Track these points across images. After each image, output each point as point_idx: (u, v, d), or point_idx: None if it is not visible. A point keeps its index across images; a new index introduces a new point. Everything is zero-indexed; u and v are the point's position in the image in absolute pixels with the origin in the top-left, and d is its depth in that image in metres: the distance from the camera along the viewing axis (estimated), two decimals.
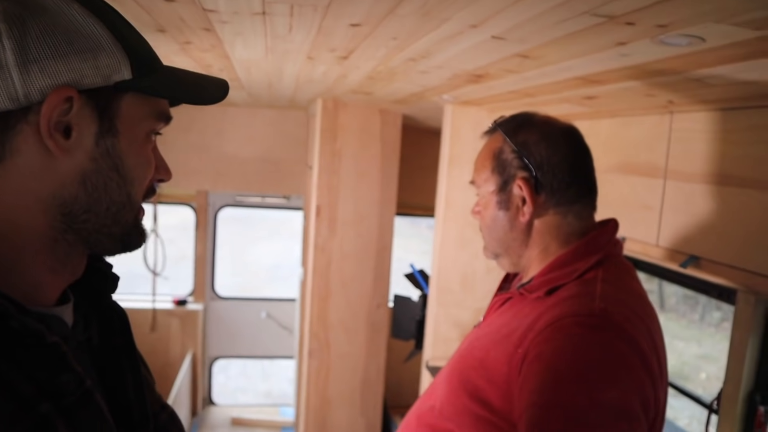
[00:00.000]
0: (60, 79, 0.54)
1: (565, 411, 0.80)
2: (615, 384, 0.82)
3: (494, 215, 1.10)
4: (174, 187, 4.12)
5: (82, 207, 0.60)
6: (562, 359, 0.85)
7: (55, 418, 0.53)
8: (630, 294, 0.98)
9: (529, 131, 1.07)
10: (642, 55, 1.02)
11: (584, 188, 1.08)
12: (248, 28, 1.17)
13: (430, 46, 1.23)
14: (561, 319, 0.89)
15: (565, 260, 1.02)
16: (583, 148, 1.10)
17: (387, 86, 2.12)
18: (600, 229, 1.07)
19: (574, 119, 2.06)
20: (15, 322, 0.53)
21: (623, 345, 0.86)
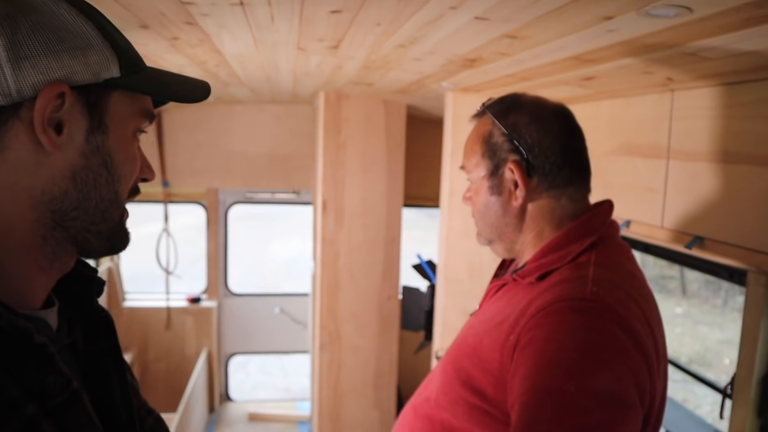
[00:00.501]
0: (52, 76, 0.55)
1: (555, 397, 0.77)
2: (608, 369, 0.80)
3: (486, 200, 1.07)
4: (184, 185, 4.14)
5: (71, 203, 0.60)
6: (553, 345, 0.82)
7: (42, 419, 0.53)
8: (625, 277, 0.95)
9: (518, 113, 1.03)
10: (630, 30, 0.99)
11: (577, 170, 1.04)
12: (230, 20, 1.16)
13: (416, 30, 1.20)
14: (552, 303, 0.87)
15: (557, 244, 0.99)
16: (575, 129, 1.06)
17: (385, 76, 2.09)
18: (594, 211, 1.04)
19: (575, 101, 2.02)
20: (3, 321, 0.53)
21: (616, 329, 0.83)
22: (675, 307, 9.10)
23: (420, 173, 3.69)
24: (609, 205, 1.07)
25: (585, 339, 0.82)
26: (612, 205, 1.07)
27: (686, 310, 9.03)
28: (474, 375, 0.95)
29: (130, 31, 1.25)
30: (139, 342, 4.15)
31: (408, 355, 3.64)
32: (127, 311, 4.12)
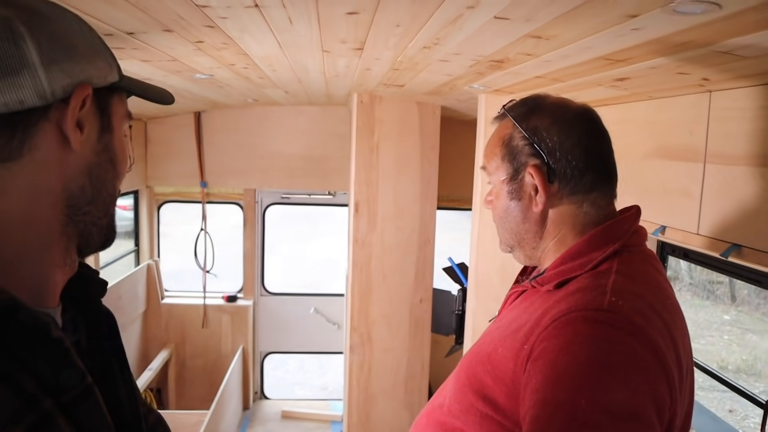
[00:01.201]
0: (77, 79, 0.59)
1: (566, 412, 0.73)
2: (623, 384, 0.75)
3: (506, 206, 1.04)
4: (222, 186, 4.21)
5: (86, 199, 0.63)
6: (566, 357, 0.78)
7: (57, 414, 0.54)
8: (648, 286, 0.90)
9: (540, 115, 0.99)
10: (657, 28, 0.94)
11: (601, 174, 1.00)
12: (249, 23, 1.16)
13: (437, 31, 1.18)
14: (567, 313, 0.83)
15: (578, 251, 0.95)
16: (600, 132, 1.02)
17: (415, 78, 2.07)
18: (619, 218, 0.99)
19: (610, 103, 1.96)
20: (23, 315, 0.54)
21: (635, 342, 0.79)
22: (723, 314, 8.78)
23: (455, 175, 3.65)
24: (636, 211, 1.02)
25: (599, 352, 0.78)
26: (639, 211, 1.02)
27: (735, 317, 8.70)
28: (487, 383, 0.92)
29: (155, 35, 1.27)
30: (177, 338, 4.24)
31: (441, 358, 3.61)
32: (165, 308, 4.21)
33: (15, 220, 0.58)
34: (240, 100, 3.46)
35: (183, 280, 4.86)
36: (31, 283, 0.60)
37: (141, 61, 1.61)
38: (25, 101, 0.54)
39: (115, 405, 0.69)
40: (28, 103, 0.55)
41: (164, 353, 4.10)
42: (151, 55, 1.50)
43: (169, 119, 4.02)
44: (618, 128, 1.93)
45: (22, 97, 0.54)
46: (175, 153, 4.07)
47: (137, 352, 4.03)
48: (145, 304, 4.13)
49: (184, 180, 4.13)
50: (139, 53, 1.48)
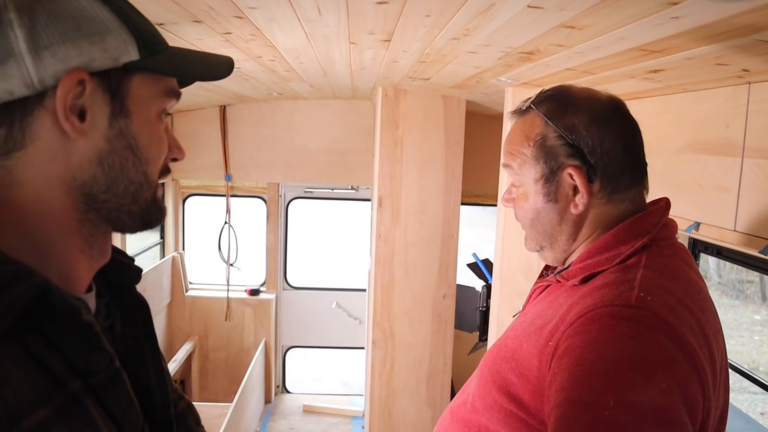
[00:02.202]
0: (71, 63, 0.55)
1: (593, 411, 0.71)
2: (652, 383, 0.72)
3: (539, 207, 0.98)
4: (246, 179, 4.23)
5: (101, 187, 0.61)
6: (592, 354, 0.75)
7: (85, 396, 0.55)
8: (678, 282, 0.86)
9: (574, 111, 0.94)
10: (698, 16, 0.91)
11: (639, 171, 0.96)
12: (278, 13, 1.15)
13: (467, 21, 1.16)
14: (594, 309, 0.80)
15: (605, 244, 0.91)
16: (634, 126, 0.97)
17: (442, 70, 2.05)
18: (647, 210, 0.95)
19: (642, 96, 1.92)
20: (55, 297, 0.54)
21: (664, 338, 0.75)
22: (754, 314, 8.59)
23: (480, 170, 3.61)
24: (665, 203, 0.97)
25: (627, 349, 0.75)
26: (669, 203, 0.98)
27: (766, 317, 8.51)
28: (511, 380, 0.90)
29: (185, 26, 1.26)
30: (200, 331, 4.28)
31: (464, 355, 3.59)
32: (189, 300, 4.25)
33: (36, 209, 0.58)
34: (265, 93, 3.46)
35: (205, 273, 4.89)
36: (59, 269, 0.60)
37: None
38: (14, 91, 0.54)
39: (145, 390, 0.70)
40: (17, 93, 0.54)
41: (188, 345, 4.13)
42: (179, 46, 1.50)
43: (194, 113, 4.04)
44: (651, 121, 1.89)
45: (11, 88, 0.53)
46: (200, 146, 4.10)
47: (162, 344, 4.07)
48: (170, 296, 4.17)
49: (209, 173, 4.15)
50: None
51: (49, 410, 0.51)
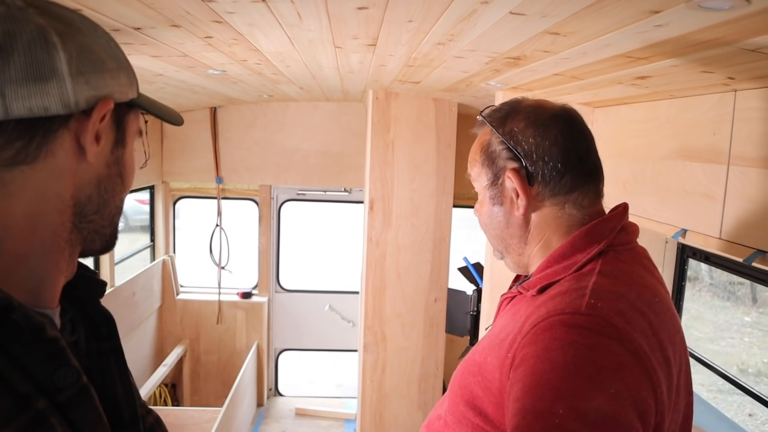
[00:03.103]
0: (102, 92, 0.60)
1: (544, 420, 0.71)
2: (601, 389, 0.73)
3: (490, 211, 1.03)
4: (237, 182, 4.21)
5: (93, 208, 0.64)
6: (543, 364, 0.76)
7: (50, 414, 0.54)
8: (632, 286, 0.87)
9: (515, 119, 0.98)
10: (681, 24, 0.90)
11: (581, 174, 0.97)
12: (258, 18, 1.13)
13: (450, 27, 1.15)
14: (546, 318, 0.81)
15: (562, 253, 0.93)
16: (577, 131, 0.98)
17: (430, 74, 2.04)
18: (603, 217, 0.96)
19: (631, 102, 1.91)
20: (17, 315, 0.54)
21: (613, 344, 0.76)
22: (744, 316, 8.61)
23: None
24: (623, 208, 0.99)
25: (577, 356, 0.75)
26: (626, 208, 0.99)
27: (756, 319, 8.52)
28: (477, 394, 0.91)
29: (163, 31, 1.25)
30: (192, 334, 4.25)
31: (456, 358, 3.57)
32: (180, 303, 4.22)
33: (21, 223, 0.58)
34: (255, 95, 3.45)
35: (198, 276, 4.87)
36: (30, 285, 0.60)
37: (151, 57, 1.59)
38: (49, 109, 0.56)
39: (113, 406, 0.70)
40: (52, 111, 0.56)
41: (179, 349, 4.11)
42: (161, 50, 1.48)
43: (185, 115, 4.02)
44: (639, 127, 1.88)
45: (48, 105, 0.56)
46: (190, 148, 4.07)
47: (152, 348, 4.05)
48: (161, 300, 4.14)
49: (200, 175, 4.13)
50: (149, 49, 1.46)
51: (12, 430, 0.51)
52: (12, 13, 0.55)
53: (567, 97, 2.17)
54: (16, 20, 0.55)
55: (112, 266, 3.27)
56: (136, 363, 3.71)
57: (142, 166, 3.62)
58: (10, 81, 0.54)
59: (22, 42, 0.54)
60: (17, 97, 0.54)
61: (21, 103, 0.54)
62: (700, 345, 7.40)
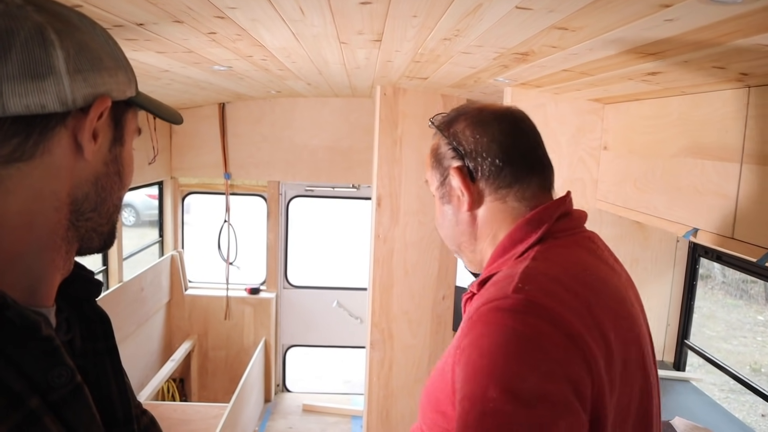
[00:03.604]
0: (99, 90, 0.60)
1: (480, 406, 0.74)
2: (532, 368, 0.75)
3: (441, 211, 1.08)
4: (246, 177, 4.21)
5: (90, 206, 0.64)
6: (477, 350, 0.79)
7: (44, 413, 0.54)
8: (565, 267, 0.88)
9: (459, 121, 1.03)
10: (692, 19, 0.87)
11: (521, 168, 0.99)
12: (260, 14, 1.12)
13: (456, 22, 1.13)
14: (479, 308, 0.83)
15: (505, 246, 0.97)
16: (518, 129, 1.02)
17: (437, 70, 2.01)
18: (542, 206, 0.98)
19: (642, 98, 1.88)
20: (12, 313, 0.54)
21: (542, 323, 0.78)
22: (757, 314, 8.51)
23: None
24: (564, 197, 1.01)
25: (506, 340, 0.77)
26: (568, 196, 1.02)
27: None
28: (440, 398, 0.92)
29: (166, 26, 1.23)
30: (200, 330, 4.26)
31: None
32: (188, 299, 4.23)
33: (16, 220, 0.58)
34: (263, 91, 3.44)
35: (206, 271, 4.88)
36: (26, 283, 0.60)
37: (157, 53, 1.58)
38: (46, 106, 0.56)
39: (107, 405, 0.70)
40: (49, 108, 0.56)
41: (187, 344, 4.12)
42: (165, 46, 1.47)
43: (193, 110, 4.02)
44: (650, 124, 1.85)
45: (45, 102, 0.56)
46: (199, 144, 4.08)
47: (161, 343, 4.06)
48: (169, 295, 4.15)
49: (209, 171, 4.13)
50: (154, 45, 1.45)
51: (5, 428, 0.50)
52: (10, 11, 0.55)
53: (576, 93, 2.14)
54: (14, 18, 0.55)
55: (120, 261, 3.28)
56: (144, 358, 3.72)
57: (151, 161, 3.62)
58: (7, 78, 0.53)
59: (19, 39, 0.54)
60: (14, 94, 0.54)
61: (18, 100, 0.54)
62: (712, 344, 7.34)
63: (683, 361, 2.53)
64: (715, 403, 2.25)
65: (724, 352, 7.17)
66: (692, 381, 2.41)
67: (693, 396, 2.28)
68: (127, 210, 9.91)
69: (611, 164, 2.13)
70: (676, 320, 2.55)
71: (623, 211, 2.00)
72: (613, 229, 2.36)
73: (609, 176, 2.15)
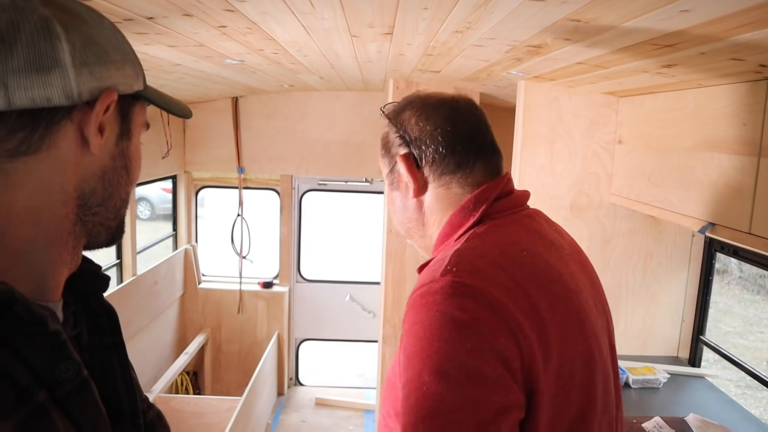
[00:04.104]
0: (105, 83, 0.60)
1: (415, 389, 0.76)
2: (457, 346, 0.77)
3: (391, 197, 1.10)
4: (259, 171, 4.22)
5: (97, 200, 0.64)
6: (411, 337, 0.81)
7: (51, 407, 0.55)
8: (495, 246, 0.89)
9: (406, 110, 1.05)
10: (708, 10, 0.85)
11: (466, 156, 1.00)
12: (270, 7, 1.11)
13: (467, 15, 1.11)
14: (411, 295, 0.86)
15: (446, 232, 0.99)
16: (461, 115, 1.02)
17: (450, 63, 2.00)
18: (480, 188, 0.99)
19: (657, 91, 1.85)
20: (20, 307, 0.54)
21: (467, 301, 0.79)
22: None
23: None
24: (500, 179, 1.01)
25: (432, 322, 0.79)
26: (506, 175, 1.03)
27: None
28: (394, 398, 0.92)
29: (176, 20, 1.23)
30: (213, 323, 4.29)
31: None
32: (202, 292, 4.26)
33: (24, 215, 0.58)
34: (276, 85, 3.43)
35: (220, 265, 4.90)
36: (33, 277, 0.60)
37: (168, 47, 1.58)
38: (52, 99, 0.56)
39: (113, 400, 0.70)
40: (54, 102, 0.56)
41: (200, 337, 4.15)
42: (176, 40, 1.47)
43: (207, 104, 4.03)
44: (665, 117, 1.82)
45: (50, 95, 0.55)
46: (212, 138, 4.09)
47: (174, 336, 4.09)
48: (183, 289, 4.18)
49: (222, 165, 4.15)
50: (165, 38, 1.45)
51: (13, 424, 0.50)
52: (16, 4, 0.55)
53: (590, 86, 2.11)
54: (20, 11, 0.55)
55: (134, 255, 3.30)
56: (158, 351, 3.75)
57: (165, 155, 3.64)
58: (12, 71, 0.53)
59: (25, 32, 0.54)
60: (20, 88, 0.54)
61: (23, 93, 0.54)
62: (728, 339, 7.26)
63: (698, 357, 2.50)
64: (731, 399, 2.22)
65: (740, 347, 7.09)
66: (707, 377, 2.39)
67: (708, 393, 2.26)
68: (142, 204, 9.99)
69: (625, 158, 2.10)
70: (692, 316, 2.51)
71: (637, 205, 1.97)
72: (627, 223, 2.33)
73: (623, 170, 2.12)
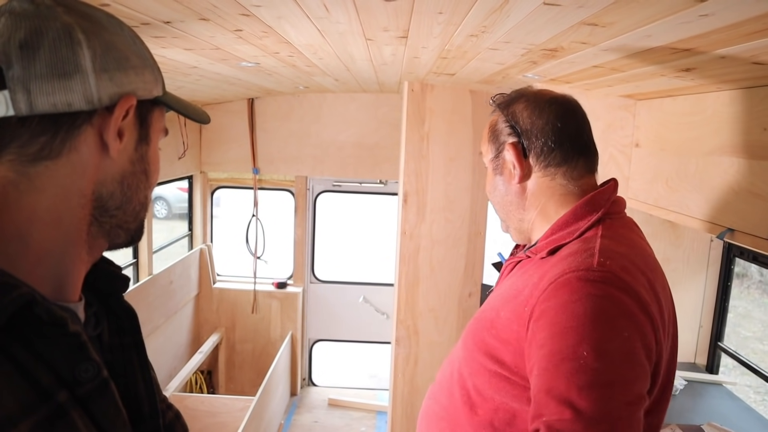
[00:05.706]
0: (125, 89, 0.61)
1: (570, 361, 0.84)
2: (616, 332, 0.86)
3: (493, 181, 1.19)
4: (274, 172, 4.23)
5: (115, 204, 0.65)
6: (566, 313, 0.88)
7: (71, 407, 0.56)
8: (630, 248, 1.00)
9: (518, 102, 1.15)
10: (729, 14, 0.84)
11: (572, 151, 1.12)
12: (285, 11, 1.11)
13: (482, 19, 1.11)
14: (562, 275, 0.92)
15: (566, 221, 1.07)
16: (571, 114, 1.13)
17: (465, 66, 1.99)
18: (599, 189, 1.11)
19: (675, 95, 1.83)
20: (40, 309, 0.55)
21: (623, 295, 0.89)
22: None
23: None
24: (614, 183, 1.14)
25: (594, 306, 0.87)
26: (616, 183, 1.13)
27: None
28: (493, 345, 1.04)
29: (192, 24, 1.24)
30: (227, 323, 4.31)
31: None
32: (217, 292, 4.29)
33: (45, 218, 0.59)
34: (291, 87, 3.45)
35: (234, 265, 4.93)
36: (55, 278, 0.61)
37: (184, 50, 1.59)
38: (73, 104, 0.57)
39: (134, 400, 0.71)
40: (75, 107, 0.57)
41: (215, 337, 4.17)
42: (192, 43, 1.48)
43: (222, 105, 4.06)
44: (684, 121, 1.80)
45: (71, 100, 0.57)
46: (228, 139, 4.11)
47: (189, 335, 4.12)
48: (198, 288, 4.21)
49: (237, 166, 4.17)
50: (181, 42, 1.46)
51: (33, 423, 0.51)
52: (40, 11, 0.57)
53: (608, 89, 2.09)
54: (43, 18, 0.57)
55: (150, 254, 3.33)
56: (172, 349, 3.78)
57: (181, 156, 3.67)
58: (35, 77, 0.55)
59: (48, 39, 0.56)
60: (42, 93, 0.56)
61: (45, 98, 0.55)
62: (747, 344, 7.15)
63: (716, 363, 2.47)
64: (750, 407, 2.19)
65: (760, 353, 6.99)
66: (725, 384, 2.35)
67: (726, 400, 2.23)
68: (159, 203, 10.09)
69: (643, 162, 2.08)
70: (709, 322, 2.48)
71: (654, 209, 1.95)
72: (644, 228, 2.28)
73: (640, 174, 2.10)
